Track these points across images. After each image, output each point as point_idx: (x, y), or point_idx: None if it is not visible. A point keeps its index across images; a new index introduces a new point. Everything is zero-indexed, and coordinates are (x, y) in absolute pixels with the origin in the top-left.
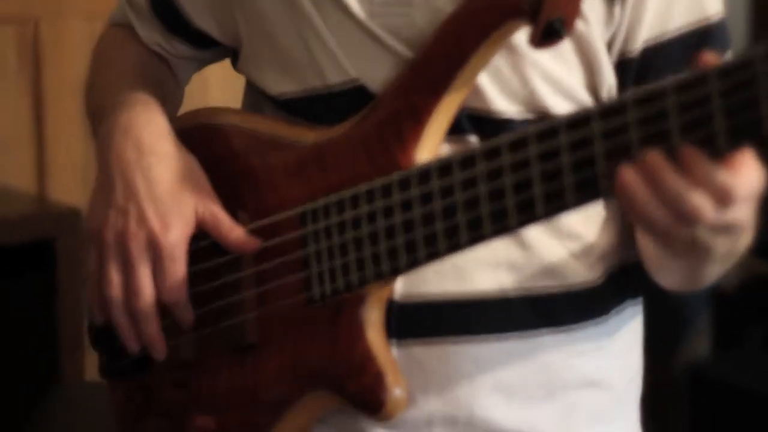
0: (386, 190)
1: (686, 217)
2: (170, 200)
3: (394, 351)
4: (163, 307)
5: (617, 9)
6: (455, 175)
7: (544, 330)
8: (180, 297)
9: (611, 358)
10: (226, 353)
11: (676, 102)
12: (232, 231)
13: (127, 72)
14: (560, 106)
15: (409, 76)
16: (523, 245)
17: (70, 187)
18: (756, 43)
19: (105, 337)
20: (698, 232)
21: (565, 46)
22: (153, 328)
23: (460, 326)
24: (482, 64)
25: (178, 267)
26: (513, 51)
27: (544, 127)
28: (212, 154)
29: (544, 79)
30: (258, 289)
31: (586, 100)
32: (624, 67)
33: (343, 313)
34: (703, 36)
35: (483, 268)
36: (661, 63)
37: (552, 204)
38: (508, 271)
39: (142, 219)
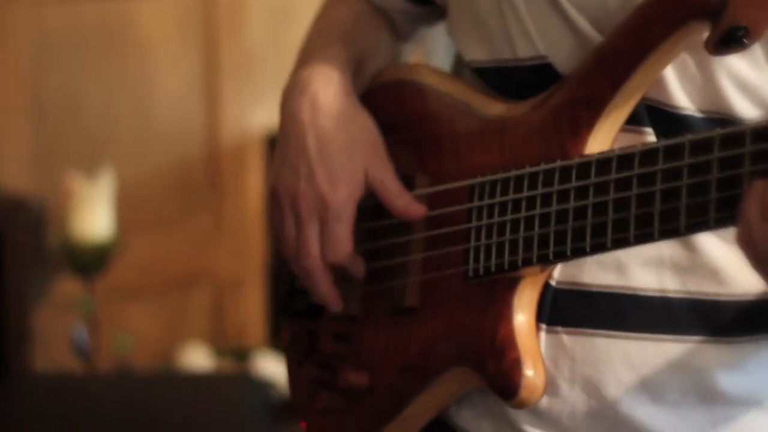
0: (548, 177)
1: None
2: (341, 160)
3: (542, 336)
4: None
5: None
6: (612, 171)
7: (704, 337)
8: (342, 257)
9: None
10: (386, 314)
11: None
12: (399, 197)
13: (328, 29)
14: (747, 110)
15: (592, 64)
16: (690, 246)
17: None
18: None
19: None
20: None
21: (759, 51)
22: (323, 285)
23: (614, 320)
24: (664, 62)
25: (342, 227)
26: (702, 47)
27: (731, 132)
28: (403, 112)
29: (733, 80)
30: (424, 254)
31: None
32: None
33: (496, 292)
34: None
35: (645, 265)
36: None
37: (723, 212)
38: (672, 271)
39: (312, 178)
